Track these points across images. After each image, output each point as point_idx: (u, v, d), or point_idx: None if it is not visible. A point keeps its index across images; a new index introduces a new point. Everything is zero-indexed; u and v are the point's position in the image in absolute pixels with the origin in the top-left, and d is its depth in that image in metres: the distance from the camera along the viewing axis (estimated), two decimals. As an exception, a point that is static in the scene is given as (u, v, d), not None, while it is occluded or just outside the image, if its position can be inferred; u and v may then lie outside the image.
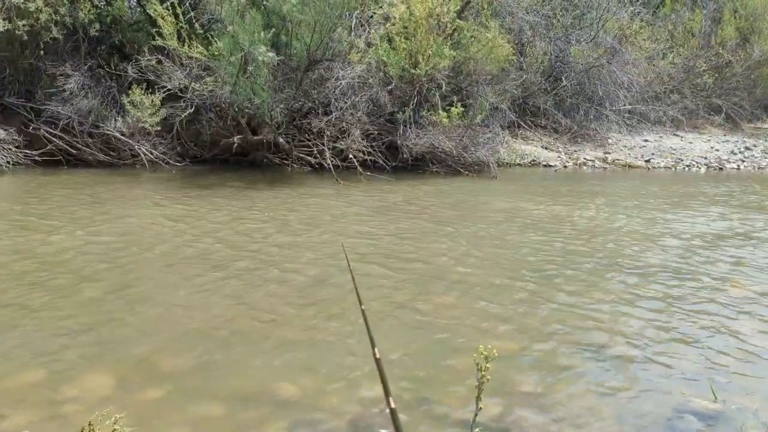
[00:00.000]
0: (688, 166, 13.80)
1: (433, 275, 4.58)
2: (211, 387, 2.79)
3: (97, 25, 9.69)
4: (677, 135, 16.39)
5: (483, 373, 2.21)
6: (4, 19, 8.73)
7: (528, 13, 13.26)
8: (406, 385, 2.85)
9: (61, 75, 9.60)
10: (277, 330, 3.47)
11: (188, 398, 2.69)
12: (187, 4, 9.34)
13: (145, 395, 2.70)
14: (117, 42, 10.67)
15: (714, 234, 6.34)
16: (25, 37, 9.14)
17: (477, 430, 2.26)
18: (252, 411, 2.60)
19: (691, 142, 15.82)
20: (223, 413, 2.58)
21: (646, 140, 15.43)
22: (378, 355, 1.44)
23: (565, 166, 12.81)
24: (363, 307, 1.91)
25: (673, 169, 13.51)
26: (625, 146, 14.71)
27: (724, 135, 17.17)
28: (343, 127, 10.20)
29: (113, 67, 10.17)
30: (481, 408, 2.23)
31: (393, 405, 1.18)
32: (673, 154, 14.60)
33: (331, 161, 9.83)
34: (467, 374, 2.81)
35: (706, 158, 14.43)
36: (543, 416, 2.62)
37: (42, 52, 9.58)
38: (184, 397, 2.70)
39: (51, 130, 9.67)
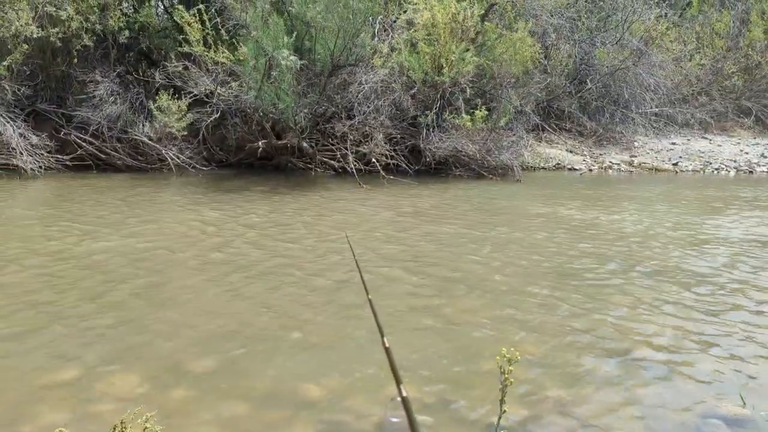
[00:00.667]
0: (716, 169, 13.58)
1: (457, 279, 4.58)
2: (237, 387, 2.83)
3: (126, 33, 9.90)
4: (705, 138, 16.14)
5: (506, 376, 2.22)
6: (37, 27, 8.95)
7: (552, 15, 13.18)
8: (430, 389, 2.86)
9: (91, 81, 9.81)
10: (303, 331, 3.50)
11: (215, 397, 2.73)
12: (213, 10, 9.48)
13: (174, 394, 2.75)
14: (145, 48, 10.88)
15: (750, 239, 6.23)
16: (58, 45, 9.37)
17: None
18: (278, 411, 2.63)
19: (719, 145, 15.57)
20: (250, 412, 2.61)
21: (673, 143, 15.22)
22: (387, 345, 1.46)
23: (591, 170, 12.70)
24: (369, 296, 1.93)
25: (702, 172, 13.30)
26: (652, 149, 14.53)
27: (754, 138, 16.86)
28: (366, 131, 10.25)
29: (141, 74, 10.37)
30: (504, 411, 2.24)
31: (405, 393, 1.20)
32: (702, 157, 14.38)
33: (354, 165, 9.88)
34: (491, 377, 2.82)
35: (735, 161, 14.18)
36: (568, 421, 2.61)
37: (71, 59, 9.80)
38: (212, 396, 2.75)
39: (81, 135, 9.89)
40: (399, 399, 1.21)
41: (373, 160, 10.09)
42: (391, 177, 9.92)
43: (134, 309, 3.80)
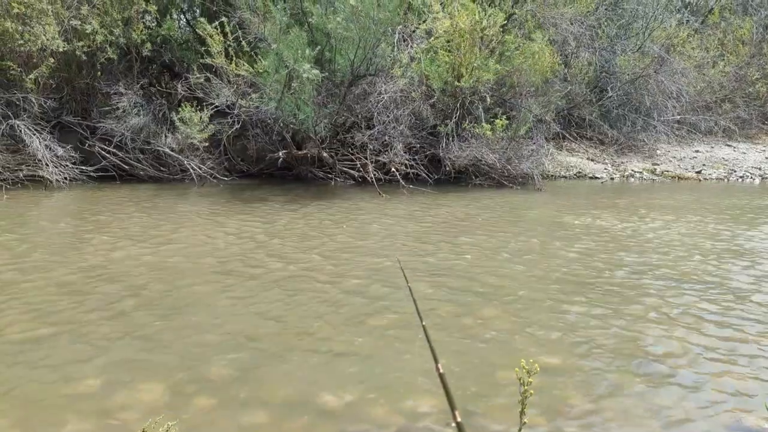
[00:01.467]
0: (741, 177, 13.38)
1: (479, 289, 4.56)
2: (258, 396, 2.84)
3: (149, 45, 10.06)
4: (729, 145, 15.92)
5: (526, 387, 2.20)
6: (63, 41, 9.13)
7: (572, 24, 13.12)
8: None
9: (115, 94, 9.98)
10: (323, 342, 3.51)
11: (236, 406, 2.75)
12: (234, 23, 9.60)
13: (195, 403, 2.77)
14: (167, 61, 11.04)
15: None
16: (83, 58, 9.55)
17: (522, 444, 2.25)
18: (297, 420, 2.64)
19: (744, 153, 15.34)
20: (270, 421, 2.62)
21: (696, 151, 15.03)
22: (441, 370, 1.46)
23: (612, 178, 12.58)
24: (424, 323, 1.93)
25: (726, 180, 13.11)
26: (675, 157, 14.37)
27: (780, 145, 16.58)
28: (385, 140, 10.28)
29: (164, 86, 10.51)
30: (525, 422, 2.22)
31: (459, 419, 1.20)
32: (726, 164, 14.18)
33: (374, 175, 9.90)
34: (513, 388, 2.79)
35: (760, 169, 13.97)
36: (590, 432, 2.58)
37: (96, 72, 9.98)
38: (233, 405, 2.76)
39: (105, 147, 10.04)
40: (454, 425, 1.23)
41: (393, 169, 10.10)
42: (411, 186, 9.92)
43: (156, 319, 3.84)
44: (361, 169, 10.33)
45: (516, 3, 11.92)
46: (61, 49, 9.10)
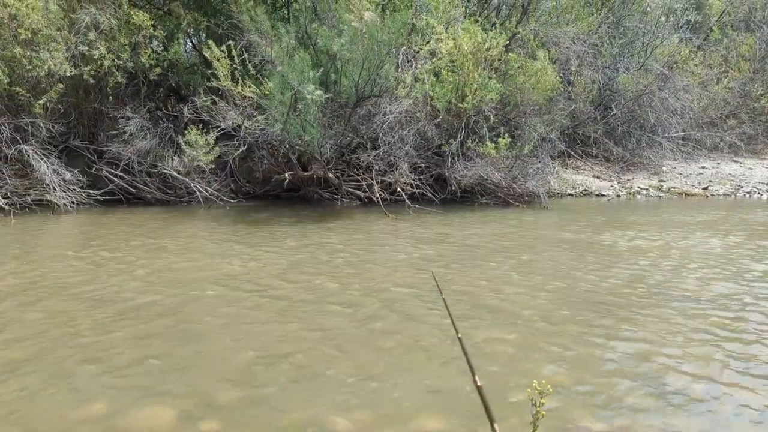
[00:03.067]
0: (748, 192, 13.33)
1: (489, 307, 4.52)
2: (266, 419, 2.81)
3: (158, 70, 10.17)
4: (736, 161, 15.89)
5: (538, 408, 2.17)
6: (70, 66, 9.24)
7: (575, 42, 13.21)
8: (455, 420, 2.80)
9: (122, 117, 10.08)
10: (331, 364, 3.47)
11: (244, 430, 2.71)
12: (240, 46, 9.70)
13: (202, 427, 2.74)
14: (174, 85, 11.15)
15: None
16: (92, 82, 9.65)
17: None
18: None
19: (750, 168, 15.31)
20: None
21: (702, 167, 15.01)
22: (479, 383, 1.44)
23: (618, 195, 12.56)
24: (459, 335, 1.92)
25: (733, 196, 13.06)
26: (681, 174, 14.34)
27: (787, 160, 16.54)
28: (391, 160, 10.31)
29: (170, 109, 10.61)
30: (538, 443, 2.18)
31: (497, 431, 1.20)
32: (732, 180, 14.14)
33: (380, 195, 9.91)
34: (525, 408, 2.75)
35: (767, 184, 13.91)
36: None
37: (108, 97, 10.09)
38: (241, 428, 2.72)
39: (112, 171, 10.11)
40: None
41: (399, 189, 10.12)
42: (417, 206, 9.92)
43: (163, 342, 3.81)
44: (366, 189, 10.35)
45: (519, 23, 12.01)
46: (68, 74, 9.20)
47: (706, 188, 13.41)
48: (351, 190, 10.64)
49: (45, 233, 7.81)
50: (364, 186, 10.43)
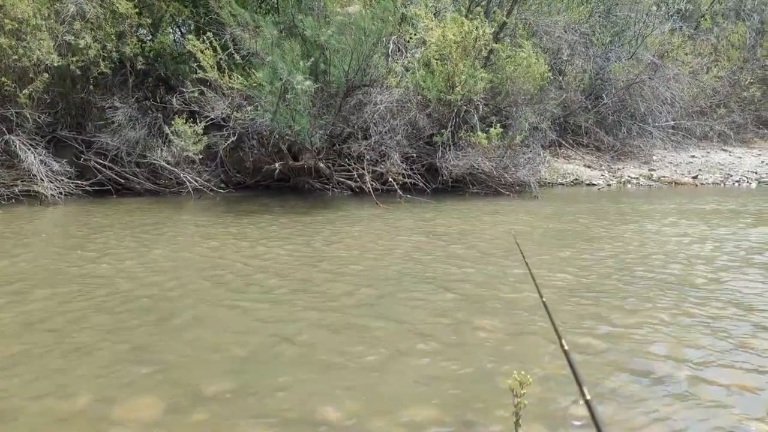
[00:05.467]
0: (738, 181, 13.40)
1: (478, 299, 4.52)
2: (253, 409, 2.80)
3: (142, 59, 10.05)
4: (725, 150, 15.97)
5: (519, 399, 2.18)
6: (57, 56, 9.13)
7: (566, 32, 13.18)
8: (446, 409, 2.80)
9: (110, 108, 9.98)
10: (320, 354, 3.46)
11: (233, 421, 2.70)
12: (225, 39, 9.59)
13: (190, 418, 2.72)
14: (162, 75, 11.05)
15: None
16: (78, 72, 9.54)
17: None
18: (296, 435, 2.60)
19: (740, 157, 15.39)
20: (267, 437, 2.58)
21: (692, 156, 15.07)
22: (566, 347, 1.45)
23: (609, 185, 12.59)
24: (543, 299, 1.93)
25: (722, 184, 13.13)
26: (671, 163, 14.40)
27: (775, 148, 16.64)
28: (382, 150, 10.28)
29: (159, 99, 10.51)
30: (520, 434, 2.19)
31: (588, 396, 1.20)
32: (722, 169, 14.21)
33: (371, 185, 9.88)
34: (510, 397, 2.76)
35: (756, 173, 13.99)
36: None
37: (92, 86, 9.98)
38: (230, 420, 2.71)
39: (101, 161, 10.03)
40: (583, 402, 1.23)
41: (390, 179, 10.10)
42: (408, 196, 9.91)
43: (150, 334, 3.79)
44: (358, 179, 10.32)
45: (510, 12, 11.97)
46: (55, 64, 9.09)
47: (695, 177, 13.48)
48: (342, 180, 10.61)
49: (32, 224, 7.74)
50: (356, 176, 10.39)
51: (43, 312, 4.17)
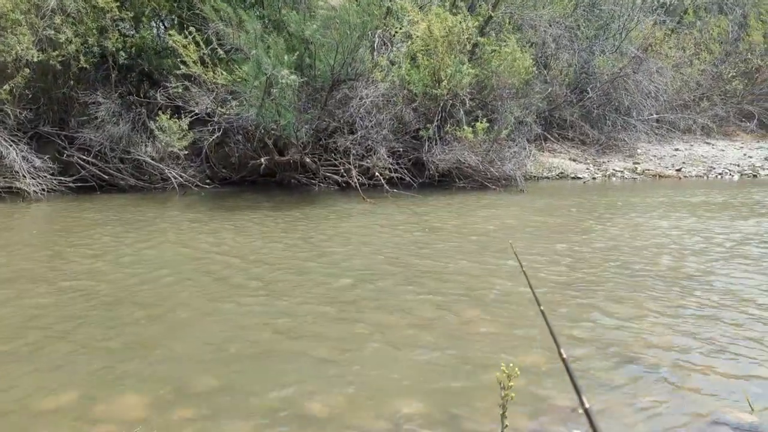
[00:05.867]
0: (720, 174, 13.54)
1: (464, 292, 4.54)
2: (240, 405, 2.79)
3: (123, 54, 9.94)
4: (708, 143, 16.12)
5: (507, 391, 2.19)
6: (38, 51, 9.01)
7: (551, 25, 13.22)
8: (433, 402, 2.81)
9: (93, 103, 9.86)
10: (306, 348, 3.46)
11: (218, 417, 2.69)
12: (209, 33, 9.50)
13: (175, 415, 2.71)
14: (146, 70, 10.94)
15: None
16: (59, 67, 9.42)
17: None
18: (281, 428, 2.59)
19: (722, 150, 15.54)
20: (252, 431, 2.57)
21: (676, 149, 15.20)
22: (564, 355, 1.46)
23: (594, 178, 12.67)
24: (542, 308, 1.94)
25: (705, 177, 13.27)
26: (655, 156, 14.52)
27: (757, 141, 16.84)
28: (368, 145, 10.26)
29: (142, 94, 10.41)
30: (506, 426, 2.20)
31: (587, 405, 1.19)
32: (705, 162, 14.36)
33: (358, 179, 9.87)
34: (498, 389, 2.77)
35: (739, 165, 14.15)
36: (576, 429, 2.56)
37: (73, 81, 9.87)
38: (214, 415, 2.71)
39: (84, 157, 9.92)
40: (581, 411, 1.22)
41: (376, 174, 10.09)
42: (395, 191, 9.90)
43: (135, 330, 3.77)
44: (344, 174, 10.30)
45: (495, 6, 11.97)
46: (35, 59, 8.98)
47: (679, 170, 13.60)
48: (328, 174, 10.58)
49: (13, 221, 7.66)
50: (342, 171, 10.37)
51: (24, 309, 4.13)
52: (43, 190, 9.25)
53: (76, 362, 3.28)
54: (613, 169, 13.26)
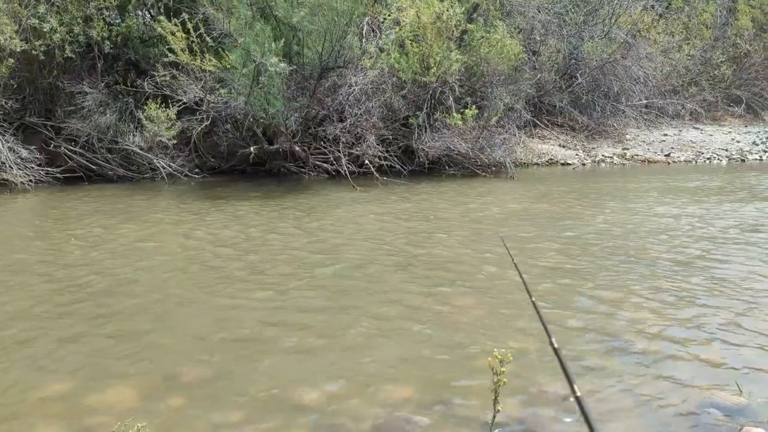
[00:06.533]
0: (709, 158, 13.62)
1: (456, 279, 4.56)
2: (231, 395, 2.80)
3: (108, 43, 9.82)
4: (697, 128, 16.18)
5: (498, 377, 2.21)
6: (21, 40, 8.90)
7: (539, 11, 13.18)
8: (424, 388, 2.83)
9: (79, 93, 9.76)
10: (298, 337, 3.47)
11: (210, 406, 2.70)
12: (197, 20, 9.40)
13: (168, 404, 2.71)
14: (133, 59, 10.82)
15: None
16: (42, 57, 9.31)
17: (497, 431, 2.24)
18: (272, 417, 2.60)
19: (711, 135, 15.61)
20: (244, 420, 2.58)
21: (665, 134, 15.25)
22: (556, 345, 1.47)
23: (584, 164, 12.71)
24: (533, 299, 1.95)
25: (694, 162, 13.34)
26: (644, 141, 14.56)
27: (745, 126, 16.92)
28: (358, 133, 10.22)
29: (129, 84, 10.31)
30: (498, 410, 2.22)
31: (578, 393, 1.20)
32: (693, 147, 14.43)
33: (348, 168, 9.84)
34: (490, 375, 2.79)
35: (727, 150, 14.23)
36: (566, 415, 2.58)
37: (59, 71, 9.75)
38: (206, 405, 2.71)
39: (71, 148, 9.83)
40: (572, 399, 1.22)
41: (366, 161, 10.06)
42: (385, 178, 9.89)
43: (124, 320, 3.76)
44: (334, 162, 10.27)
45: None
46: (19, 49, 8.86)
47: (668, 155, 13.66)
48: (318, 163, 10.54)
49: (0, 212, 7.59)
50: (332, 159, 10.33)
51: (14, 301, 4.11)
52: (31, 181, 9.17)
53: (67, 353, 3.27)
54: (603, 155, 13.30)
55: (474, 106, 10.22)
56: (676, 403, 2.68)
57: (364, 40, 10.47)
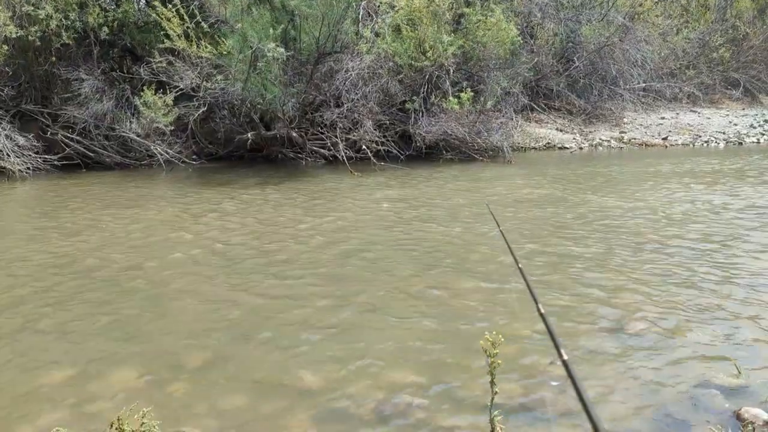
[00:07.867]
0: (706, 142, 13.63)
1: (454, 261, 4.59)
2: (234, 379, 2.84)
3: (105, 29, 9.76)
4: (694, 111, 16.16)
5: (493, 359, 2.24)
6: (16, 27, 8.84)
7: (537, -6, 13.11)
8: (424, 371, 2.87)
9: (76, 80, 9.72)
10: (299, 321, 3.51)
11: (213, 390, 2.74)
12: (193, 6, 9.34)
13: (171, 389, 2.75)
14: (128, 45, 10.77)
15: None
16: (38, 44, 9.25)
17: (496, 412, 2.28)
18: (275, 401, 2.64)
19: (708, 118, 15.59)
20: (247, 403, 2.62)
21: (662, 118, 15.24)
22: (543, 311, 1.50)
23: (581, 148, 12.71)
24: (520, 265, 1.97)
25: (692, 145, 13.35)
26: (641, 125, 14.55)
27: (743, 109, 16.89)
28: (355, 118, 10.21)
29: (126, 70, 10.26)
30: (496, 392, 2.25)
31: (565, 357, 1.23)
32: (691, 130, 14.42)
33: (345, 153, 9.84)
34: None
35: (724, 133, 14.23)
36: (564, 398, 2.62)
37: (54, 58, 9.70)
38: (209, 389, 2.75)
39: (68, 135, 9.81)
40: (560, 362, 1.26)
41: (364, 147, 10.06)
42: (382, 163, 9.90)
43: (127, 307, 3.79)
44: (331, 147, 10.26)
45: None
46: (14, 36, 8.80)
47: (665, 138, 13.66)
48: (315, 148, 10.54)
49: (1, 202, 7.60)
50: (329, 144, 10.33)
51: (15, 287, 4.13)
52: (28, 168, 9.16)
53: (70, 340, 3.30)
54: (600, 139, 13.30)
55: (470, 90, 10.20)
56: (675, 384, 2.71)
57: (360, 24, 10.41)
